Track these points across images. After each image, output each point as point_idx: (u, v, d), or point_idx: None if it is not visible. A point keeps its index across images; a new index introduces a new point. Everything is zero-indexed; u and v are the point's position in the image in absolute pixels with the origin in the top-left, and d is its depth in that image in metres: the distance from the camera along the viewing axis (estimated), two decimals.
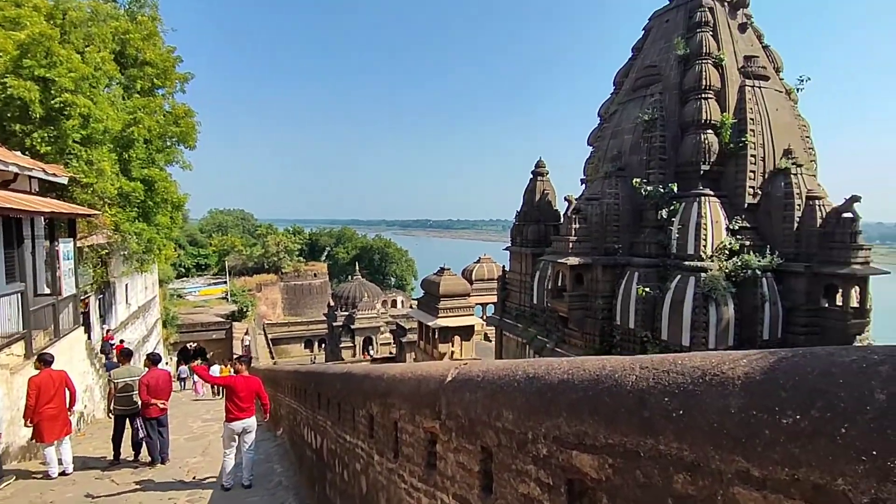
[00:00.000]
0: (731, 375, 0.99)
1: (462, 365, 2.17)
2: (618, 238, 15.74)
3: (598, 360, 1.45)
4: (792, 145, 14.78)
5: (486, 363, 1.99)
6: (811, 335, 13.26)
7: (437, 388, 2.17)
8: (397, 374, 2.72)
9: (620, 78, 18.94)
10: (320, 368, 5.59)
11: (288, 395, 8.34)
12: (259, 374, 9.07)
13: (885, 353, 0.83)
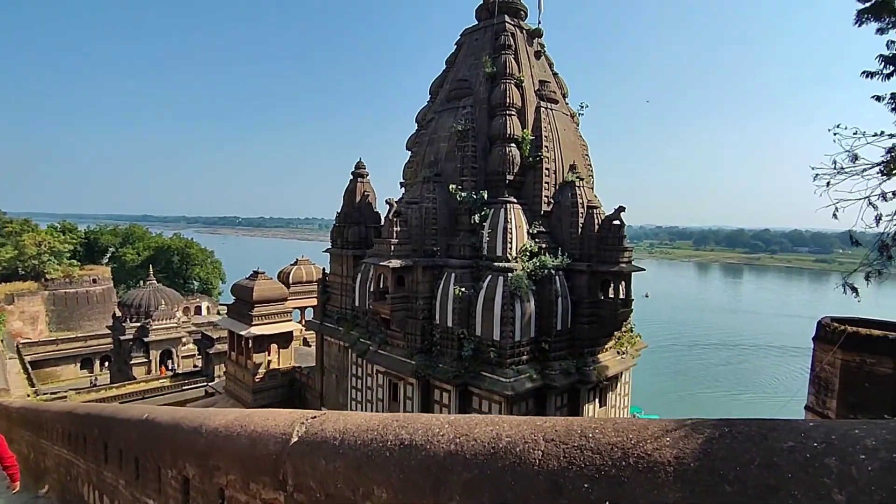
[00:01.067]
0: (660, 459, 0.87)
1: (310, 419, 1.89)
2: (436, 241, 16.50)
3: (490, 426, 1.26)
4: (576, 161, 17.26)
5: (342, 419, 1.74)
6: (592, 324, 15.70)
7: (279, 451, 1.84)
8: (221, 429, 2.26)
9: (436, 87, 19.86)
10: (108, 411, 4.63)
11: (59, 442, 6.76)
12: (4, 419, 7.15)
13: (820, 438, 0.81)
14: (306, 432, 1.81)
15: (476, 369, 14.65)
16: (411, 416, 1.54)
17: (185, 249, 76.72)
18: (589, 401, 15.96)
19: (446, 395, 15.24)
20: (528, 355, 14.88)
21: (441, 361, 15.26)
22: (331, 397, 21.84)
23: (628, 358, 17.20)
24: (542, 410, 15.20)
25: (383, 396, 16.94)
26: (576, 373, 15.19)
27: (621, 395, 18.01)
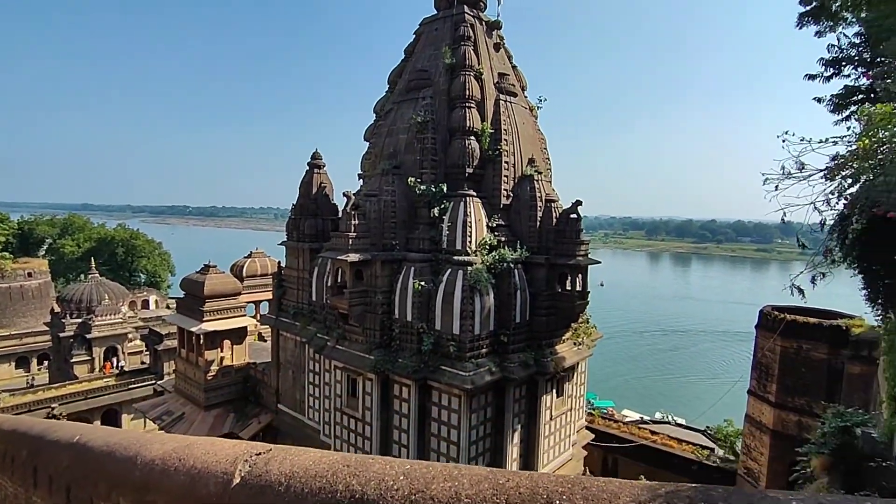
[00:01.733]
0: None
1: (255, 456, 1.72)
2: (395, 234, 16.28)
3: (448, 482, 1.12)
4: (534, 155, 17.38)
5: (289, 459, 1.59)
6: (550, 316, 15.92)
7: (219, 493, 1.67)
8: (158, 461, 2.06)
9: (394, 77, 19.51)
10: (38, 429, 4.27)
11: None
12: None
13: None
14: (250, 473, 1.64)
15: (436, 363, 14.61)
16: (363, 462, 1.40)
17: (130, 241, 73.06)
18: (546, 391, 16.23)
19: (406, 389, 15.15)
20: (487, 348, 14.96)
21: (400, 356, 15.14)
22: (287, 394, 21.36)
23: (584, 348, 17.59)
24: (501, 402, 15.35)
25: (341, 392, 16.69)
26: (534, 364, 15.40)
27: (577, 385, 18.44)
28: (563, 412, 17.19)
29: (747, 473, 21.07)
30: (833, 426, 10.06)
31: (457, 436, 14.45)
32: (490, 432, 15.37)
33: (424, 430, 15.21)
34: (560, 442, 17.36)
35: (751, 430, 21.22)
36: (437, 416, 14.96)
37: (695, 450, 24.16)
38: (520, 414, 15.87)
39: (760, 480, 20.26)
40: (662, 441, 24.57)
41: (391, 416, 15.65)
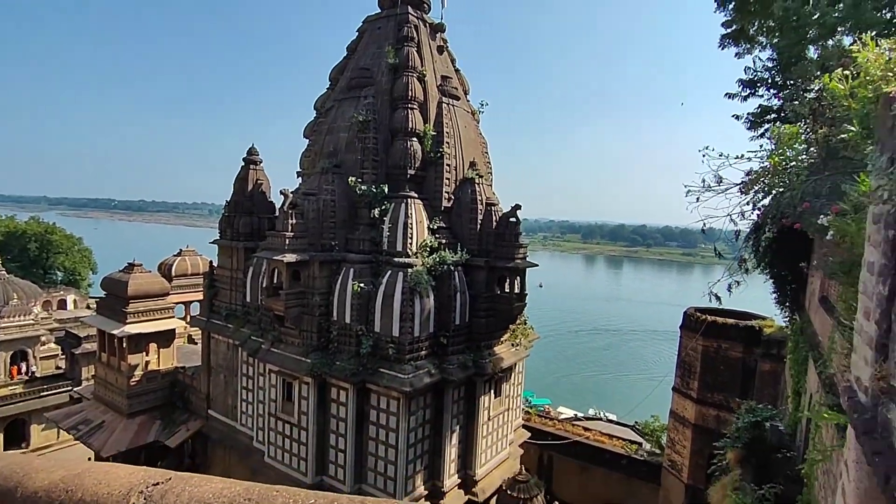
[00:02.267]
0: None
1: (151, 487, 1.59)
2: (334, 234, 15.97)
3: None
4: (476, 158, 17.60)
5: (188, 490, 1.48)
6: (489, 318, 16.17)
7: None
8: (42, 494, 1.84)
9: (336, 74, 19.14)
10: None
11: None
12: None
13: None
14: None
15: (374, 366, 14.46)
16: (267, 495, 1.32)
17: (45, 235, 67.23)
18: (485, 392, 16.46)
19: (343, 393, 14.89)
20: (426, 350, 14.97)
21: (338, 359, 14.86)
22: (219, 399, 20.44)
23: (522, 349, 17.99)
24: (440, 403, 15.42)
25: (276, 397, 16.16)
26: (473, 366, 15.58)
27: (515, 385, 18.83)
28: (500, 412, 17.50)
29: (671, 465, 22.32)
30: (745, 421, 10.88)
31: (395, 439, 14.37)
32: (429, 434, 15.39)
33: (362, 433, 15.01)
34: (498, 441, 17.66)
35: (675, 425, 22.51)
36: (375, 419, 14.80)
37: (624, 444, 25.31)
38: (458, 415, 16.00)
39: (683, 472, 21.53)
40: (595, 437, 25.56)
41: (328, 421, 15.32)
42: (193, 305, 30.15)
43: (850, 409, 1.64)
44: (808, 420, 9.73)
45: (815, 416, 3.23)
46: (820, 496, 7.40)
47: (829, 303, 9.20)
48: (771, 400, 18.98)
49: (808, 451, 9.06)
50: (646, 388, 45.07)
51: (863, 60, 3.94)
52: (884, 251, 1.52)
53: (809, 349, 10.28)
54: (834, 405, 6.58)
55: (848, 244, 5.39)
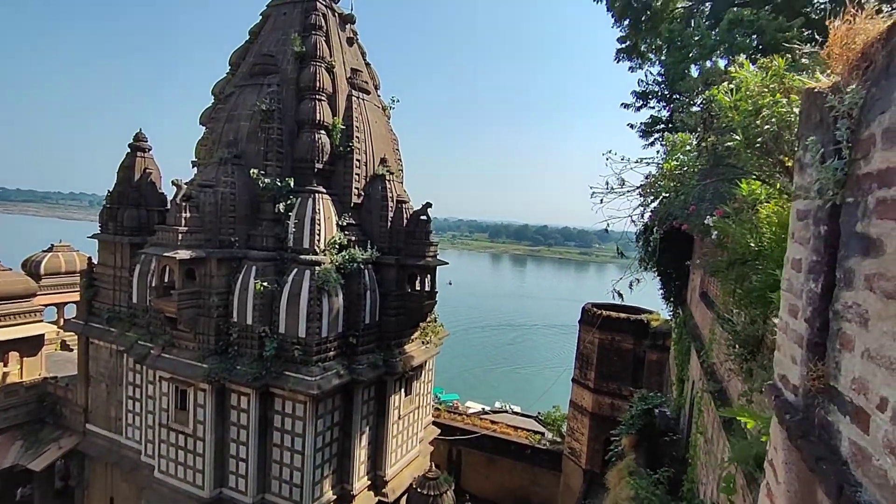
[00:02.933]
0: None
1: None
2: (234, 230, 14.95)
3: None
4: (387, 155, 17.35)
5: None
6: (399, 316, 16.04)
7: None
8: None
9: (237, 59, 17.95)
10: None
11: None
12: None
13: None
14: None
15: (279, 369, 13.75)
16: None
17: None
18: (395, 391, 16.32)
19: (245, 399, 14.00)
20: (335, 351, 14.51)
21: (239, 363, 13.94)
22: (99, 412, 18.36)
23: (432, 347, 18.07)
24: (349, 405, 15.04)
25: (168, 406, 14.81)
26: (383, 365, 15.36)
27: (425, 383, 18.88)
28: (410, 410, 17.45)
29: (571, 453, 23.66)
30: (638, 409, 11.76)
31: (301, 444, 13.77)
32: (337, 437, 14.94)
33: (266, 441, 14.22)
34: (408, 440, 17.59)
35: (574, 414, 23.88)
36: (280, 425, 14.08)
37: (528, 435, 26.42)
38: (368, 416, 15.70)
39: (581, 458, 22.90)
40: (501, 430, 26.41)
41: (227, 429, 14.32)
42: (69, 308, 26.80)
43: (780, 408, 1.64)
44: (691, 405, 10.73)
45: (729, 412, 3.29)
46: (702, 474, 8.16)
47: (708, 298, 10.18)
48: (658, 387, 20.77)
49: (691, 435, 10.00)
50: (548, 380, 47.43)
51: (742, 77, 4.36)
52: (814, 248, 1.54)
53: (692, 340, 11.33)
54: (715, 391, 7.28)
55: (729, 244, 5.98)
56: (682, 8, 17.19)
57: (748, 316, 5.33)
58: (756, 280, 3.50)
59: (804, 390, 1.53)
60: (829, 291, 1.46)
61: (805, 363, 1.51)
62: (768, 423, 2.42)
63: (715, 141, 4.49)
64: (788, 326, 1.65)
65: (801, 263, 1.64)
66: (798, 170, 1.71)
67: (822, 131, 1.59)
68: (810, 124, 1.68)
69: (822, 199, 1.50)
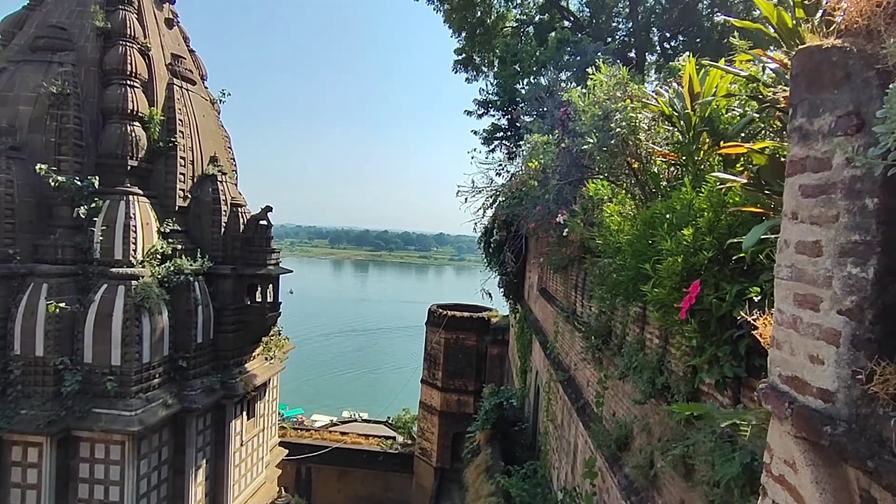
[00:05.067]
0: None
1: None
2: (14, 239, 11.96)
3: None
4: (217, 153, 15.59)
5: None
6: (238, 332, 14.51)
7: None
8: None
9: (10, 27, 14.46)
10: None
11: None
12: None
13: None
14: None
15: (85, 407, 11.35)
16: None
17: None
18: (236, 416, 14.70)
19: (34, 451, 11.23)
20: (161, 377, 12.52)
21: (24, 406, 11.14)
22: None
23: (277, 362, 16.75)
24: (181, 438, 13.10)
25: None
26: (221, 388, 13.72)
27: (270, 402, 17.41)
28: (254, 434, 15.90)
29: (422, 453, 24.00)
30: (491, 403, 12.31)
31: (119, 493, 11.54)
32: (167, 477, 12.89)
33: (68, 498, 11.62)
34: (253, 467, 15.99)
35: (424, 414, 24.29)
36: (87, 474, 11.63)
37: (379, 441, 26.16)
38: (204, 447, 13.86)
39: (432, 457, 23.36)
40: (352, 440, 25.71)
41: (6, 494, 11.36)
42: None
43: (804, 418, 1.37)
44: (536, 394, 11.56)
45: (684, 407, 3.05)
46: (553, 459, 8.79)
47: (548, 293, 11.07)
48: (499, 379, 22.20)
49: (539, 422, 10.76)
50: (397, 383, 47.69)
51: (596, 82, 4.72)
52: (856, 226, 1.31)
53: (534, 333, 12.22)
54: (564, 380, 7.87)
55: (576, 240, 6.47)
56: (510, 27, 18.61)
57: (597, 308, 5.81)
58: (621, 274, 3.74)
59: (849, 397, 1.30)
60: (883, 277, 1.26)
61: (849, 364, 1.29)
62: (727, 418, 2.43)
63: (571, 143, 4.76)
64: (801, 320, 1.45)
65: (819, 246, 1.42)
66: (799, 140, 1.56)
67: (851, 92, 1.36)
68: (822, 85, 1.45)
69: (860, 169, 1.28)
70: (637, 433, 4.48)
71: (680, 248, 3.03)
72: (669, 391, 3.69)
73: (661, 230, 3.24)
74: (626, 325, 4.77)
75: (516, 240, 12.49)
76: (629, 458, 4.47)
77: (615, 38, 15.21)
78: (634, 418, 4.54)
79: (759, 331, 1.93)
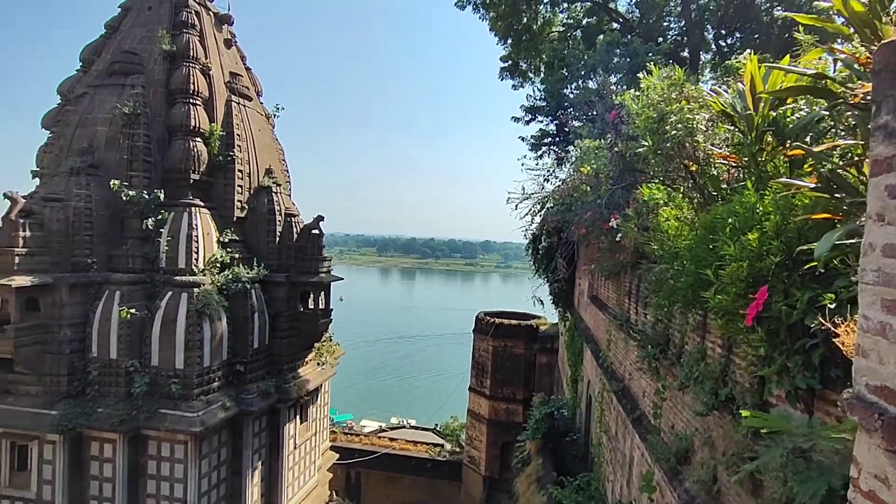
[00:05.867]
0: None
1: None
2: (91, 250, 12.88)
3: None
4: (272, 165, 16.24)
5: None
6: (292, 338, 14.98)
7: None
8: None
9: (90, 55, 15.69)
10: None
11: None
12: None
13: None
14: None
15: (153, 407, 12.03)
16: None
17: None
18: (290, 419, 15.15)
19: (109, 447, 12.01)
20: (220, 381, 13.09)
21: (100, 405, 11.95)
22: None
23: (328, 368, 17.15)
24: (238, 440, 13.62)
25: (1, 468, 12.23)
26: (275, 392, 14.20)
27: (321, 406, 17.84)
28: (307, 438, 16.33)
29: (471, 461, 23.88)
30: (541, 413, 12.11)
31: (182, 490, 12.13)
32: (225, 476, 13.44)
33: (137, 492, 12.32)
34: (306, 470, 16.41)
35: (472, 422, 24.18)
36: (155, 471, 12.30)
37: (428, 449, 26.22)
38: (260, 449, 14.37)
39: (481, 465, 23.20)
40: (401, 446, 25.90)
41: (86, 486, 12.18)
42: None
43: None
44: (588, 404, 11.29)
45: (755, 421, 2.96)
46: (608, 471, 8.54)
47: (599, 301, 10.82)
48: (548, 388, 21.80)
49: (592, 433, 10.50)
50: (443, 390, 47.77)
51: (649, 85, 4.61)
52: None
53: (585, 342, 11.96)
54: (618, 390, 7.66)
55: (629, 245, 6.30)
56: (557, 32, 18.46)
57: (653, 316, 5.63)
58: (680, 280, 3.62)
59: None
60: None
61: None
62: (793, 428, 2.29)
63: (624, 147, 4.67)
64: (891, 327, 1.38)
65: None
66: (884, 139, 1.49)
67: None
68: None
69: None
70: (698, 446, 4.30)
71: (745, 253, 2.91)
72: (734, 403, 3.53)
73: (724, 234, 3.12)
74: (685, 334, 4.60)
75: (568, 246, 12.30)
76: (690, 473, 4.30)
77: (667, 38, 14.81)
78: (695, 431, 4.36)
79: (840, 339, 1.83)
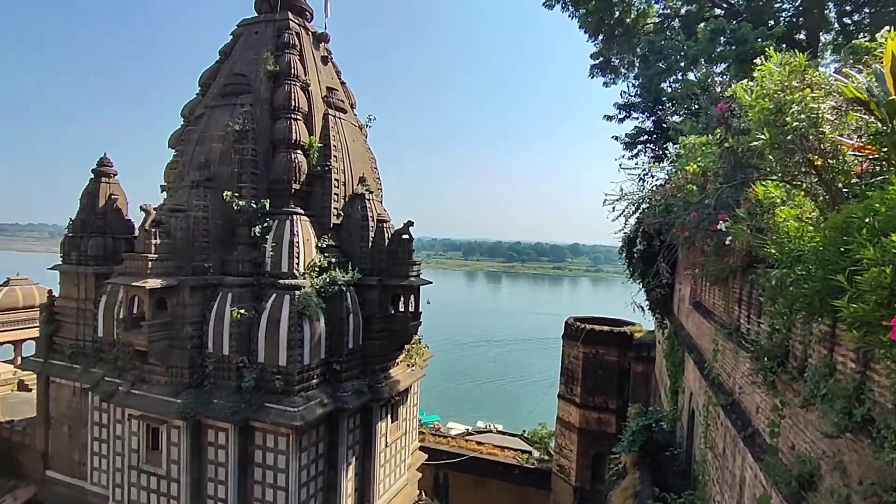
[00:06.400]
0: None
1: None
2: (208, 255, 14.24)
3: None
4: (365, 174, 16.96)
5: None
6: (384, 339, 15.50)
7: None
8: None
9: (207, 80, 17.40)
10: None
11: None
12: None
13: None
14: None
15: (259, 401, 13.01)
16: None
17: None
18: (381, 418, 15.67)
19: (223, 434, 13.16)
20: (318, 379, 13.86)
21: (215, 396, 13.14)
22: (61, 456, 17.09)
23: (418, 369, 17.53)
24: (334, 435, 14.32)
25: (139, 446, 13.83)
26: (368, 391, 14.75)
27: (411, 407, 18.27)
28: (397, 437, 16.79)
29: (560, 470, 23.23)
30: (639, 425, 11.49)
31: (285, 480, 12.98)
32: (322, 470, 14.19)
33: (246, 478, 13.37)
34: (396, 468, 16.89)
35: (561, 431, 23.51)
36: (261, 460, 13.27)
37: (516, 455, 25.89)
38: (354, 445, 15.00)
39: (571, 475, 22.48)
40: (489, 451, 25.81)
41: (204, 468, 13.43)
42: (27, 345, 25.19)
43: None
44: (690, 417, 10.52)
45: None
46: (714, 492, 7.89)
47: (704, 307, 10.04)
48: (644, 398, 20.63)
49: (695, 449, 9.77)
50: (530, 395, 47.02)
51: (760, 76, 4.20)
52: None
53: (687, 351, 11.16)
54: (726, 405, 7.05)
55: (740, 248, 5.79)
56: (652, 23, 17.52)
57: (770, 325, 5.12)
58: (804, 287, 3.25)
59: None
60: None
61: None
62: None
63: (735, 143, 4.28)
64: None
65: None
66: None
67: None
68: None
69: None
70: (826, 471, 3.82)
71: (887, 257, 2.55)
72: (874, 425, 3.09)
73: (860, 236, 2.76)
74: (809, 345, 4.12)
75: (671, 250, 11.57)
76: (817, 500, 3.84)
77: (779, 21, 13.47)
78: (822, 454, 3.89)
79: None
